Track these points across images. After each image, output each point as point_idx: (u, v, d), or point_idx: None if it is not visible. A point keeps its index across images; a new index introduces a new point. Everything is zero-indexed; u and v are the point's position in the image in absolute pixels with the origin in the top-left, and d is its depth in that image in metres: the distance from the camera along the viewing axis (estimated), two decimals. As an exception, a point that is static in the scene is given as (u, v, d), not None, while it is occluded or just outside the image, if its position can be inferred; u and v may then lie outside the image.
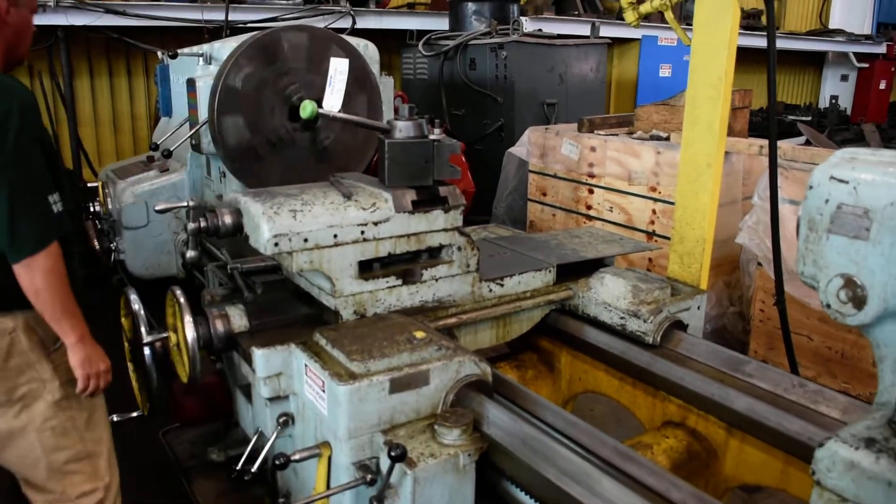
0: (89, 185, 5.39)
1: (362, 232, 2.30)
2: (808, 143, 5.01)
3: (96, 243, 5.13)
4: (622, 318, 2.64)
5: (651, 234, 4.73)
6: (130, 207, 4.53)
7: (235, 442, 2.85)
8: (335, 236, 2.26)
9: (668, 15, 2.65)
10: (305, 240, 2.21)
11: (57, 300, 2.04)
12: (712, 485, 2.38)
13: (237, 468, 2.36)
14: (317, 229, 2.23)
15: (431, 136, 2.45)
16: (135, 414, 2.73)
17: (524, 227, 5.76)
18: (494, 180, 5.97)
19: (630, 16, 2.74)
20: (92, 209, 4.96)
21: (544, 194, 5.53)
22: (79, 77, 6.83)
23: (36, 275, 1.98)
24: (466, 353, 2.12)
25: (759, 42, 10.99)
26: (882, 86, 13.26)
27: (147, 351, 2.46)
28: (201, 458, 2.96)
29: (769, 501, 2.82)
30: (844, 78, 13.59)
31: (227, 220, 2.31)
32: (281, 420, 2.28)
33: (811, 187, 1.50)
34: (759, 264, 4.30)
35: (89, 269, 6.03)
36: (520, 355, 2.95)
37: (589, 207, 5.17)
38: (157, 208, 2.32)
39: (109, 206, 4.74)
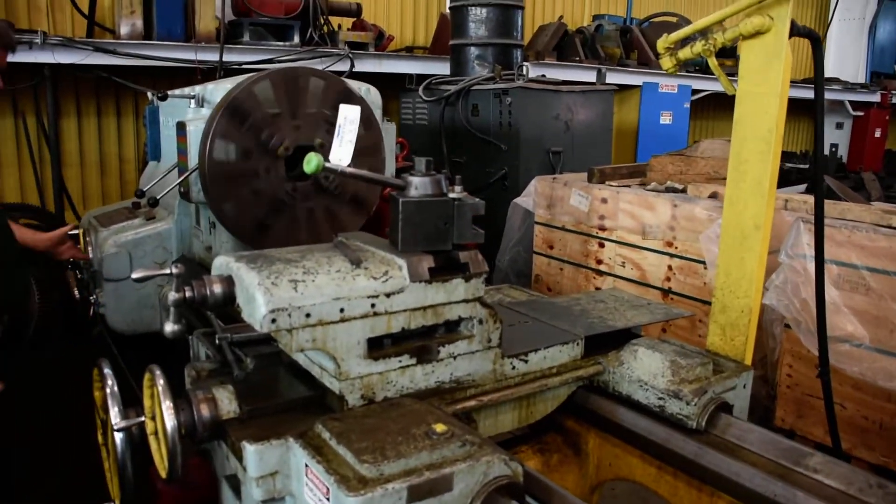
0: (70, 232, 5.11)
1: (373, 305, 2.00)
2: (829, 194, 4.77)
3: (76, 293, 4.82)
4: (660, 398, 2.34)
5: (666, 292, 4.45)
6: (112, 258, 4.22)
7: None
8: (342, 310, 1.95)
9: (712, 62, 2.40)
10: (308, 315, 1.91)
11: None
12: None
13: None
14: (321, 302, 1.92)
15: (451, 195, 2.16)
16: (105, 505, 2.38)
17: (529, 281, 5.47)
18: (497, 231, 5.70)
19: (667, 62, 2.49)
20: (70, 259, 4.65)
21: (551, 247, 5.25)
22: (66, 116, 6.57)
23: None
24: (495, 450, 1.80)
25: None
26: (877, 134, 13.24)
27: (120, 437, 2.13)
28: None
29: None
30: (839, 126, 13.56)
31: (217, 289, 2.00)
32: (274, 527, 1.94)
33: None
34: (787, 326, 4.02)
35: (69, 321, 5.70)
36: (543, 437, 2.63)
37: (599, 262, 4.89)
38: (133, 276, 2.01)
39: (90, 255, 4.43)
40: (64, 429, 4.20)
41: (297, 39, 6.47)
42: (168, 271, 1.99)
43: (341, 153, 2.03)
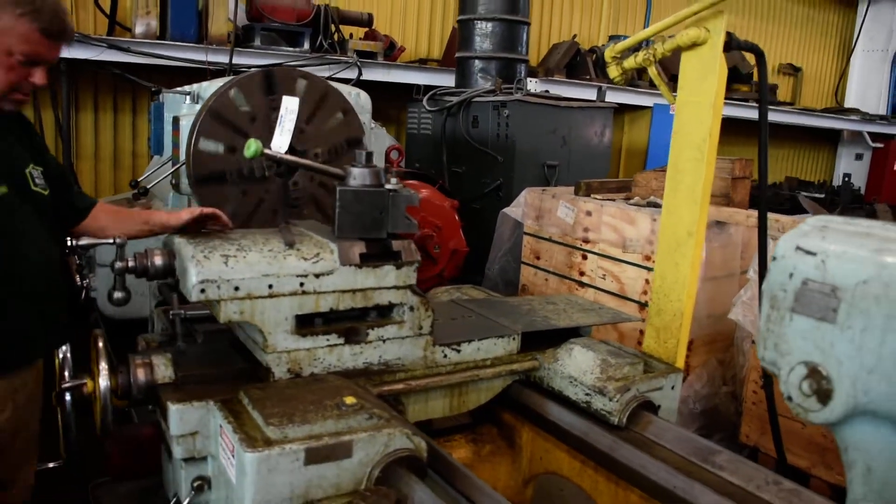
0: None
1: (301, 284, 2.11)
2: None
3: (77, 279, 4.99)
4: (587, 394, 2.42)
5: (644, 305, 4.51)
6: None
7: (163, 501, 2.62)
8: (270, 286, 2.07)
9: (652, 70, 2.49)
10: (236, 288, 2.03)
11: None
12: (675, 590, 2.11)
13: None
14: (250, 277, 2.04)
15: (388, 186, 2.27)
16: (52, 465, 2.51)
17: (516, 291, 5.55)
18: (490, 240, 5.79)
19: (613, 71, 2.59)
20: (71, 243, 4.82)
21: (538, 258, 5.33)
22: (83, 111, 6.80)
23: None
24: (399, 424, 1.90)
25: (773, 116, 10.90)
26: (896, 167, 13.12)
27: (67, 397, 2.26)
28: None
29: None
30: (859, 157, 13.47)
31: (158, 261, 2.14)
32: (195, 484, 2.05)
33: (775, 258, 1.30)
34: (754, 342, 4.05)
35: (72, 306, 5.89)
36: (479, 428, 2.71)
37: (582, 274, 4.96)
38: (79, 243, 2.14)
39: (88, 242, 4.60)
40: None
41: (307, 46, 6.65)
42: (111, 241, 2.12)
43: (281, 141, 2.15)
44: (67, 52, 5.82)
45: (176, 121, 4.03)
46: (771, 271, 1.30)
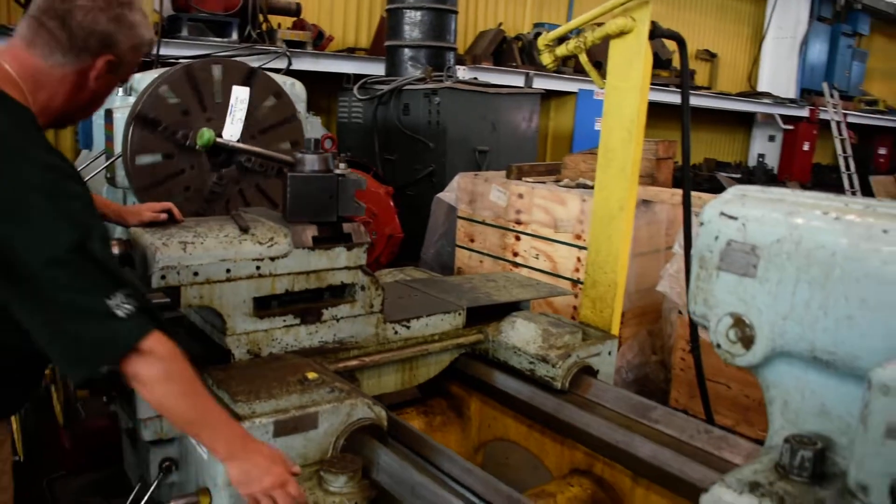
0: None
1: (258, 267, 2.20)
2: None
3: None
4: (531, 362, 2.57)
5: (576, 282, 4.71)
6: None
7: (123, 490, 2.66)
8: (228, 271, 2.15)
9: (583, 58, 2.65)
10: (195, 273, 2.10)
11: (185, 412, 1.64)
12: (617, 537, 2.30)
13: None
14: (208, 262, 2.11)
15: (337, 171, 2.36)
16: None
17: (452, 274, 5.69)
18: (424, 226, 5.91)
19: (547, 58, 2.73)
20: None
21: (472, 240, 5.49)
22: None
23: (152, 386, 1.59)
24: (360, 396, 2.01)
25: (691, 100, 11.35)
26: (806, 147, 13.80)
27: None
28: (86, 508, 2.76)
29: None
30: (772, 138, 14.11)
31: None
32: (164, 465, 2.12)
33: (702, 224, 1.46)
34: (680, 312, 4.30)
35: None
36: (429, 401, 2.84)
37: (516, 254, 5.13)
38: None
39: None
40: None
41: (235, 36, 6.61)
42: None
43: (232, 129, 2.22)
44: (-14, 46, 5.68)
45: (109, 114, 4.00)
46: (699, 235, 1.46)
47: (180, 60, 6.23)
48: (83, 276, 1.51)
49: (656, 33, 2.58)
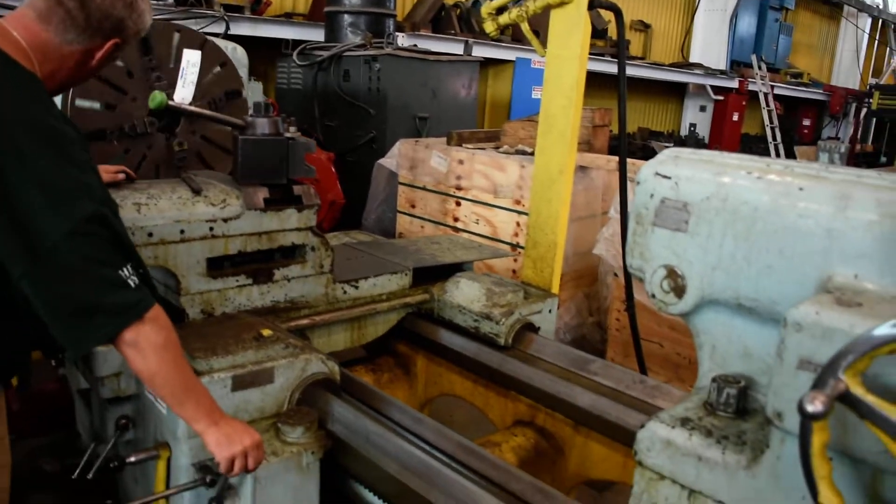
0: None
1: (211, 228, 2.24)
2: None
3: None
4: (476, 320, 2.68)
5: (515, 247, 4.84)
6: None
7: (76, 451, 2.69)
8: (182, 232, 2.19)
9: (524, 26, 2.74)
10: (150, 234, 2.13)
11: (177, 381, 1.69)
12: (559, 481, 2.44)
13: (74, 476, 2.22)
14: (162, 224, 2.15)
15: (287, 135, 2.41)
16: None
17: (394, 239, 5.77)
18: (366, 191, 5.96)
19: (489, 26, 2.81)
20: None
21: (413, 206, 5.56)
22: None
23: (148, 354, 1.63)
24: (313, 351, 2.09)
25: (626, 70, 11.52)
26: (735, 118, 14.21)
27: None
28: (38, 471, 2.77)
29: (617, 499, 2.92)
30: (703, 108, 14.49)
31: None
32: (120, 423, 2.16)
33: (639, 183, 1.57)
34: (616, 275, 4.48)
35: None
36: (376, 359, 2.94)
37: (456, 220, 5.24)
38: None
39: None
40: None
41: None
42: None
43: (184, 93, 2.24)
44: None
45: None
46: (636, 194, 1.58)
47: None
48: (101, 247, 1.57)
49: (594, 4, 2.68)
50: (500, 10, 2.77)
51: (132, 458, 1.92)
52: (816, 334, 1.16)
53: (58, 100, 3.61)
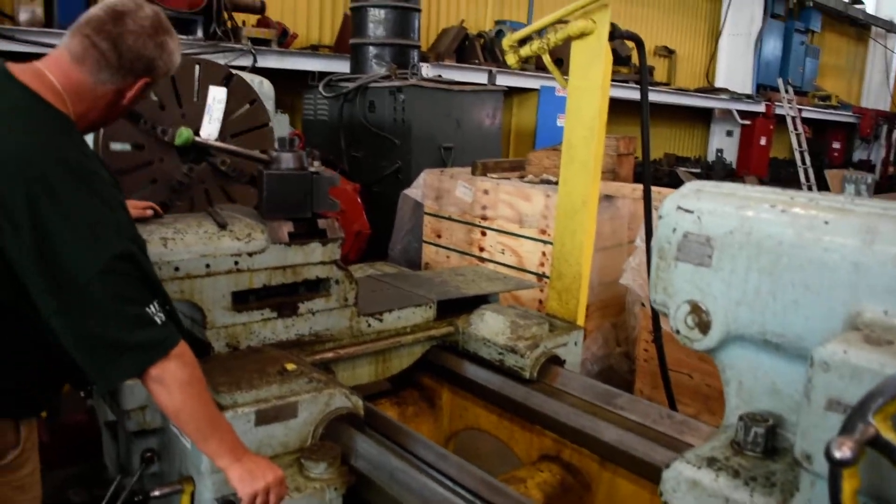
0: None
1: (236, 262, 2.26)
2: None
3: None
4: (500, 353, 2.67)
5: (541, 276, 4.82)
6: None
7: (103, 483, 2.70)
8: (207, 266, 2.21)
9: (546, 58, 2.75)
10: (176, 268, 2.15)
11: (201, 417, 1.71)
12: (585, 518, 2.40)
13: (100, 510, 2.24)
14: (188, 258, 2.17)
15: (311, 169, 2.43)
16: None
17: (419, 269, 5.77)
18: (391, 222, 5.98)
19: (511, 58, 2.83)
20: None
21: (439, 236, 5.57)
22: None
23: (173, 390, 1.65)
24: (337, 385, 2.09)
25: (650, 96, 11.51)
26: (763, 142, 14.12)
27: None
28: (66, 502, 2.79)
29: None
30: (730, 133, 14.42)
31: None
32: (146, 456, 2.17)
33: (661, 217, 1.56)
34: (643, 305, 4.44)
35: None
36: (401, 392, 2.92)
37: (482, 250, 5.23)
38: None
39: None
40: None
41: (200, 34, 6.61)
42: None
43: (210, 129, 2.28)
44: (-54, 43, 5.62)
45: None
46: (658, 228, 1.56)
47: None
48: (129, 284, 1.60)
49: (616, 35, 2.68)
50: (522, 42, 2.79)
51: (156, 492, 1.93)
52: (845, 374, 1.14)
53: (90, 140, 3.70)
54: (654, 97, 11.41)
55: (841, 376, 1.14)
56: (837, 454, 0.94)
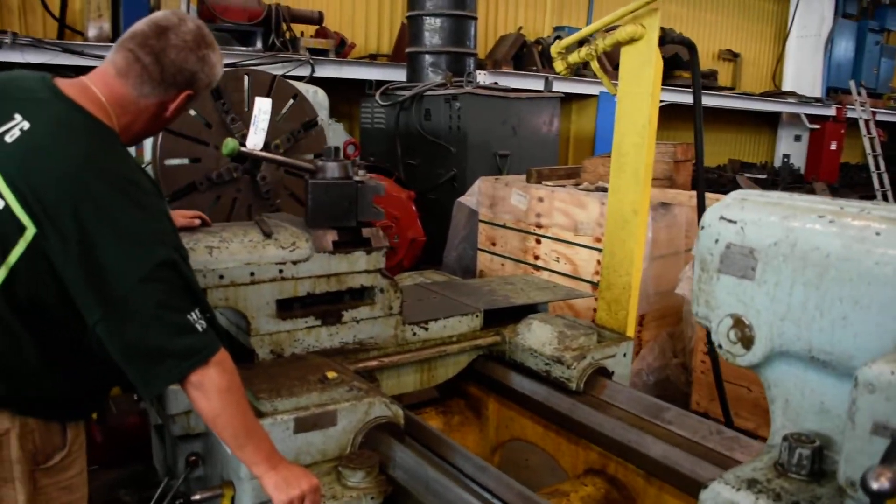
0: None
1: (280, 271, 2.28)
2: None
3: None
4: (547, 364, 2.63)
5: (596, 285, 4.74)
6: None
7: (153, 485, 2.76)
8: (252, 274, 2.23)
9: (594, 65, 2.70)
10: (221, 276, 2.18)
11: (238, 424, 1.72)
12: (631, 534, 2.34)
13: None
14: (233, 266, 2.20)
15: (356, 178, 2.44)
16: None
17: (474, 277, 5.75)
18: (447, 229, 5.98)
19: (559, 65, 2.79)
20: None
21: (494, 244, 5.54)
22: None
23: (212, 396, 1.67)
24: (378, 394, 2.08)
25: (714, 101, 11.25)
26: (833, 146, 13.64)
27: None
28: (117, 502, 2.86)
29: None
30: (798, 138, 13.99)
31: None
32: (190, 460, 2.21)
33: (703, 227, 1.51)
34: (700, 315, 4.32)
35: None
36: (447, 401, 2.91)
37: (536, 258, 5.18)
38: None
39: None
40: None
41: (259, 45, 6.74)
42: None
43: (256, 139, 2.31)
44: (21, 57, 5.85)
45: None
46: (700, 238, 1.51)
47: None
48: (171, 292, 1.63)
49: (666, 40, 2.63)
50: (570, 48, 2.75)
51: (197, 496, 1.96)
52: (892, 396, 1.07)
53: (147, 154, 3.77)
54: (717, 102, 11.16)
55: (888, 398, 1.08)
56: (874, 485, 0.89)
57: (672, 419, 2.34)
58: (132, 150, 4.38)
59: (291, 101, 3.67)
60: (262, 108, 2.31)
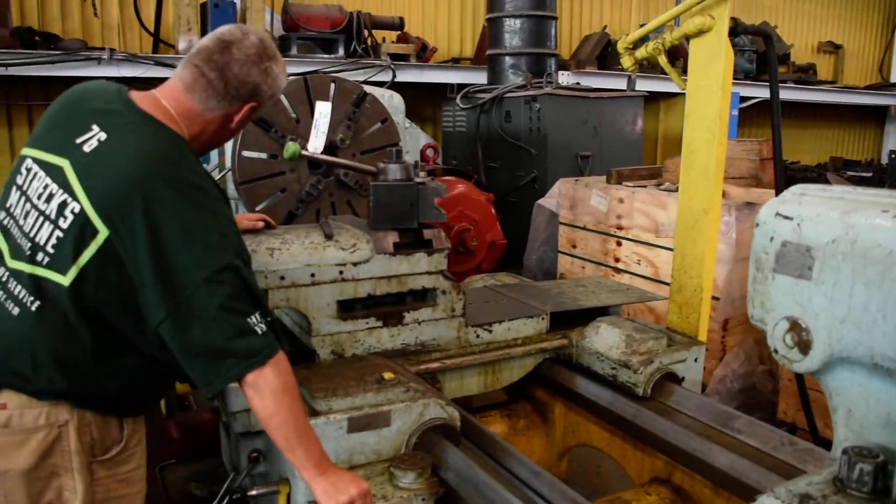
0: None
1: (341, 272, 2.30)
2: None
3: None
4: (613, 368, 2.56)
5: (678, 288, 4.60)
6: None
7: (222, 480, 2.84)
8: (312, 275, 2.26)
9: (662, 59, 2.62)
10: (282, 277, 2.22)
11: (290, 426, 1.75)
12: (698, 547, 2.25)
13: (214, 504, 2.34)
14: (294, 267, 2.24)
15: (417, 179, 2.44)
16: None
17: (554, 279, 5.67)
18: (527, 232, 5.93)
19: (626, 61, 2.72)
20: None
21: (574, 246, 5.46)
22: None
23: (266, 397, 1.71)
24: (433, 396, 2.07)
25: (812, 96, 10.75)
26: (948, 141, 12.81)
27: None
28: (188, 495, 2.95)
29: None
30: (910, 132, 13.21)
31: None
32: (252, 456, 2.25)
33: (758, 225, 1.43)
34: (787, 320, 4.13)
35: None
36: (513, 405, 2.87)
37: (617, 260, 5.07)
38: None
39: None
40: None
41: (341, 52, 6.87)
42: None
43: (316, 143, 2.34)
44: (116, 72, 6.15)
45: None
46: (755, 236, 1.43)
47: (290, 76, 6.54)
48: (234, 295, 1.69)
49: (738, 30, 2.52)
50: (638, 43, 2.68)
51: (254, 492, 2.00)
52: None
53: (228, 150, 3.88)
54: (816, 96, 10.68)
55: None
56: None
57: (742, 428, 2.24)
58: (214, 156, 4.55)
59: (380, 124, 3.71)
60: (323, 111, 2.34)
